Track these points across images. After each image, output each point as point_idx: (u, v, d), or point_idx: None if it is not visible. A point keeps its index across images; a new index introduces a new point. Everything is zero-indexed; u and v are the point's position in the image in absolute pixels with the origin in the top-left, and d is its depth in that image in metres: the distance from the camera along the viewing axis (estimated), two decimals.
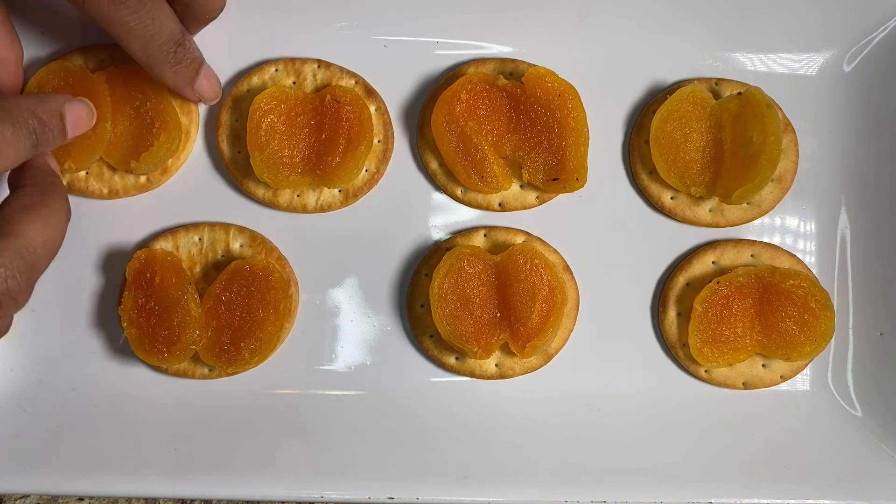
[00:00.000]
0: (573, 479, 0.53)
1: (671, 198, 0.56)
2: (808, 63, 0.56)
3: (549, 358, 0.55)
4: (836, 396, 0.56)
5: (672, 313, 0.55)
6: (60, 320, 0.56)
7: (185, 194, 0.56)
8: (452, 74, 0.56)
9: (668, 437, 0.55)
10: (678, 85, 0.56)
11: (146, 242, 0.56)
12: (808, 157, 0.56)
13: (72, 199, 0.56)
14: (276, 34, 0.56)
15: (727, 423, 0.55)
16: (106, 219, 0.56)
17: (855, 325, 0.56)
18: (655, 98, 0.56)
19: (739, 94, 0.54)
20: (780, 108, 0.55)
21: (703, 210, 0.56)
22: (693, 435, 0.55)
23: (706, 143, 0.54)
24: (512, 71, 0.56)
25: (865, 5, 0.55)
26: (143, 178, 0.56)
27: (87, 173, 0.56)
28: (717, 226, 0.56)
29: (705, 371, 0.55)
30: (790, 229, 0.56)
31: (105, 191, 0.56)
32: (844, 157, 0.56)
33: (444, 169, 0.56)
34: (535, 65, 0.55)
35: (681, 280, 0.55)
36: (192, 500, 0.56)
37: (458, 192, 0.56)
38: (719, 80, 0.56)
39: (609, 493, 0.52)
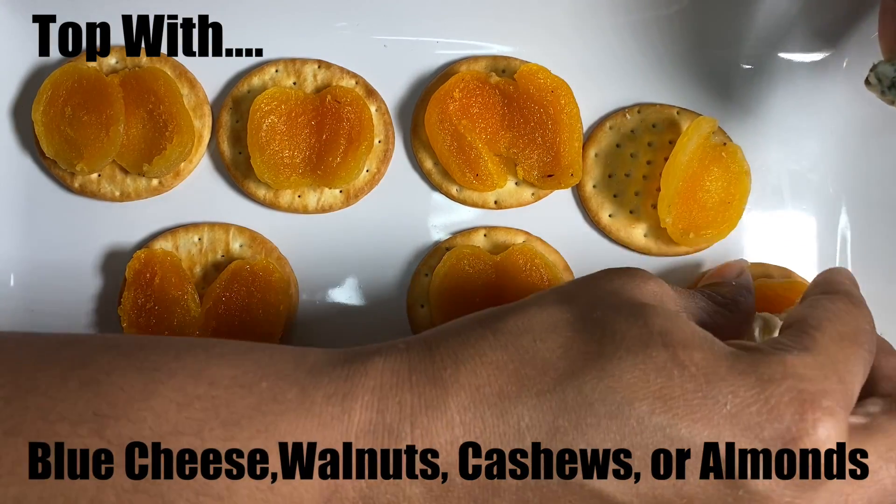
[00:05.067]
0: None
1: (609, 215, 0.55)
2: (809, 63, 0.56)
3: None
4: None
5: None
6: (60, 320, 0.56)
7: (185, 195, 0.56)
8: (445, 73, 0.56)
9: None
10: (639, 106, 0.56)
11: (146, 242, 0.56)
12: (808, 157, 0.56)
13: (72, 199, 0.56)
14: (276, 34, 0.56)
15: None
16: (106, 219, 0.56)
17: None
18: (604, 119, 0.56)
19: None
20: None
21: (638, 234, 0.55)
22: None
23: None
24: (504, 68, 0.55)
25: (865, 6, 0.55)
26: (155, 182, 0.56)
27: (99, 175, 0.56)
28: (650, 253, 0.55)
29: None
30: (791, 229, 0.56)
31: (117, 193, 0.56)
32: (844, 157, 0.56)
33: (439, 168, 0.55)
34: (527, 61, 0.55)
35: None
36: None
37: (454, 190, 0.56)
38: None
39: None
